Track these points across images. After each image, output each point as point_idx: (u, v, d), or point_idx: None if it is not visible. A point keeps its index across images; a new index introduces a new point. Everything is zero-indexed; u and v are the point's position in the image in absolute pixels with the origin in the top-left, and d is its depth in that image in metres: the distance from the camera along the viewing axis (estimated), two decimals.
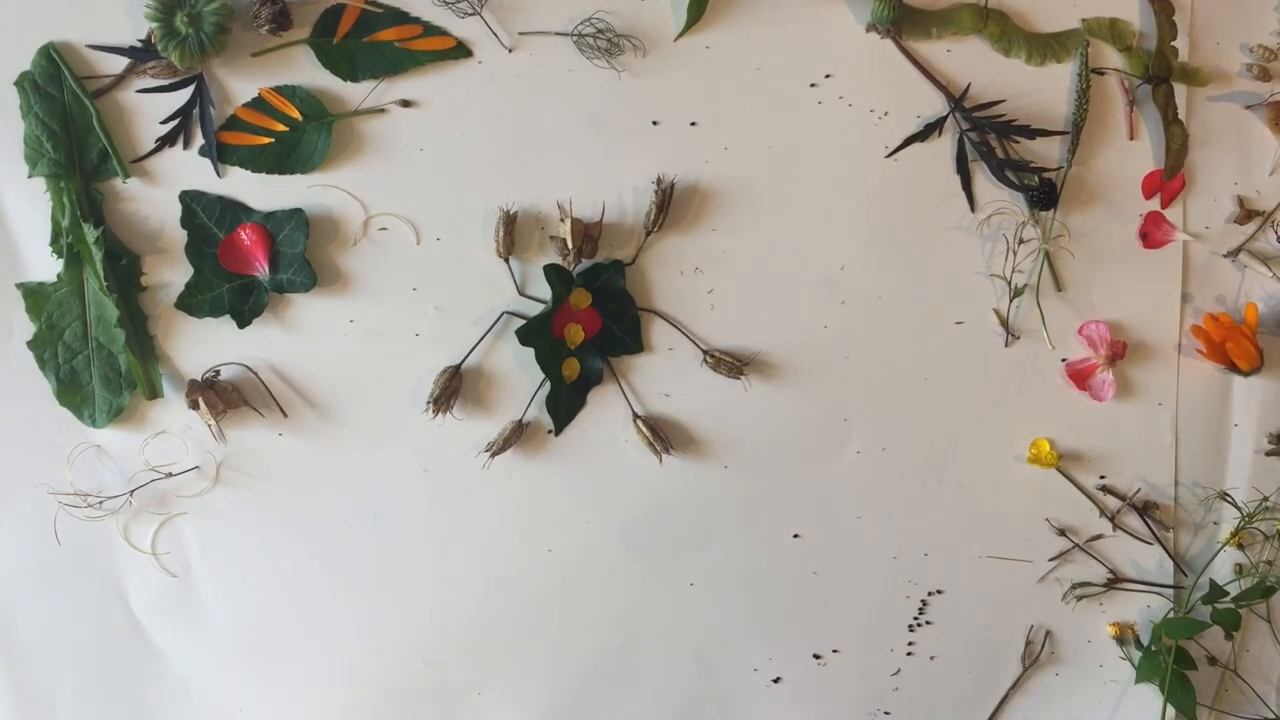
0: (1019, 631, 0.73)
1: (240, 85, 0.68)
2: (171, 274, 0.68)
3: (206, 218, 0.68)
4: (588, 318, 0.70)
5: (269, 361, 0.69)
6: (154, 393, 0.68)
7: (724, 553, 0.72)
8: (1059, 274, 0.72)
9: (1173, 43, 0.72)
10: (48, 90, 0.66)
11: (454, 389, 0.69)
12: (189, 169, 0.68)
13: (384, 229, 0.69)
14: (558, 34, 0.69)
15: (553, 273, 0.69)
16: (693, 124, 0.70)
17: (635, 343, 0.70)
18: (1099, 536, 0.73)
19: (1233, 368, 0.72)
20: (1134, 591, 0.73)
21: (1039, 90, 0.72)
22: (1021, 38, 0.72)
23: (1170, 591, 0.74)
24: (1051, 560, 0.73)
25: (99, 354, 0.67)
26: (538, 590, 0.71)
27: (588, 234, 0.69)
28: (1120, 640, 0.73)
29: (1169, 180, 0.73)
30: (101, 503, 0.68)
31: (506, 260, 0.69)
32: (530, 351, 0.69)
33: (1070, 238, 0.72)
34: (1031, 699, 0.73)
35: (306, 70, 0.68)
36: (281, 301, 0.69)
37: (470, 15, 0.69)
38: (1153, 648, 0.72)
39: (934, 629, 0.73)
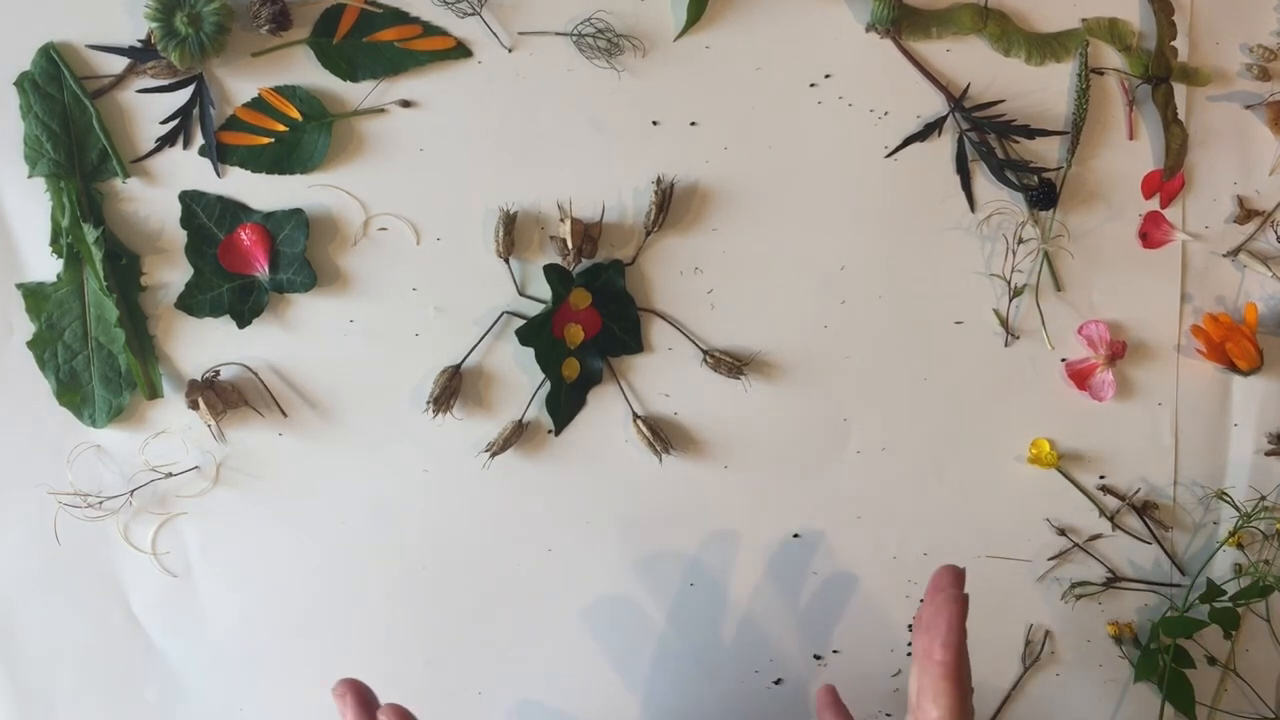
0: (1019, 631, 0.73)
1: (240, 85, 0.68)
2: (171, 274, 0.68)
3: (206, 218, 0.68)
4: (588, 318, 0.70)
5: (269, 361, 0.69)
6: (154, 393, 0.68)
7: (724, 553, 0.72)
8: (1059, 274, 0.73)
9: (1172, 43, 0.72)
10: (47, 90, 0.66)
11: (454, 389, 0.69)
12: (189, 169, 0.68)
13: (384, 229, 0.69)
14: (558, 34, 0.69)
15: (553, 273, 0.69)
16: (693, 124, 0.70)
17: (635, 343, 0.70)
18: (1098, 536, 0.73)
19: (1232, 368, 0.72)
20: (1133, 591, 0.73)
21: (1039, 90, 0.72)
22: (1021, 38, 0.72)
23: (1169, 590, 0.74)
24: (1051, 560, 0.73)
25: (99, 354, 0.67)
26: (538, 590, 0.71)
27: (588, 234, 0.69)
28: (1119, 639, 0.73)
29: (1169, 180, 0.73)
30: (101, 503, 0.68)
31: (506, 260, 0.69)
32: (530, 351, 0.69)
33: (1070, 238, 0.73)
34: (1031, 699, 0.74)
35: (306, 70, 0.68)
36: (281, 301, 0.69)
37: (470, 15, 0.69)
38: (1151, 646, 0.72)
39: None
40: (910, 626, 0.73)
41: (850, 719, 0.64)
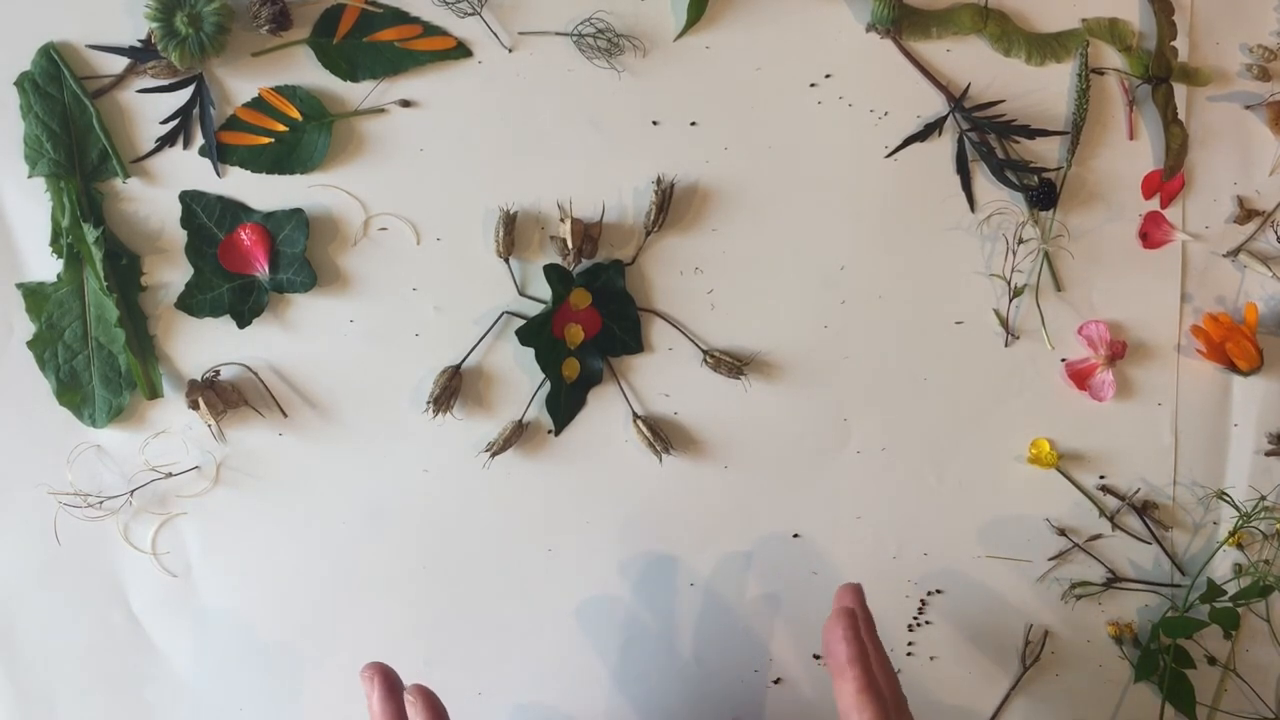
0: (1019, 631, 0.73)
1: (240, 85, 0.68)
2: (171, 274, 0.68)
3: (206, 218, 0.68)
4: (588, 318, 0.70)
5: (269, 361, 0.69)
6: (154, 393, 0.68)
7: (724, 553, 0.72)
8: (1059, 274, 0.73)
9: (1172, 43, 0.72)
10: (48, 90, 0.66)
11: (454, 389, 0.69)
12: (189, 169, 0.68)
13: (384, 229, 0.69)
14: (558, 34, 0.69)
15: (553, 273, 0.69)
16: (693, 124, 0.70)
17: (635, 343, 0.70)
18: (1098, 536, 0.73)
19: (1233, 368, 0.72)
20: (1133, 591, 0.73)
21: (1039, 90, 0.72)
22: (1021, 38, 0.72)
23: (1169, 591, 0.74)
24: (1051, 560, 0.73)
25: (99, 354, 0.67)
26: (538, 590, 0.71)
27: (588, 234, 0.69)
28: (1119, 639, 0.73)
29: (1169, 180, 0.73)
30: (101, 503, 0.68)
31: (506, 260, 0.69)
32: (530, 351, 0.69)
33: (1070, 238, 0.73)
34: (1031, 699, 0.73)
35: (306, 70, 0.68)
36: (281, 301, 0.69)
37: (470, 15, 0.69)
38: (1151, 646, 0.72)
39: (934, 629, 0.73)
40: (909, 627, 0.73)
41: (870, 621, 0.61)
